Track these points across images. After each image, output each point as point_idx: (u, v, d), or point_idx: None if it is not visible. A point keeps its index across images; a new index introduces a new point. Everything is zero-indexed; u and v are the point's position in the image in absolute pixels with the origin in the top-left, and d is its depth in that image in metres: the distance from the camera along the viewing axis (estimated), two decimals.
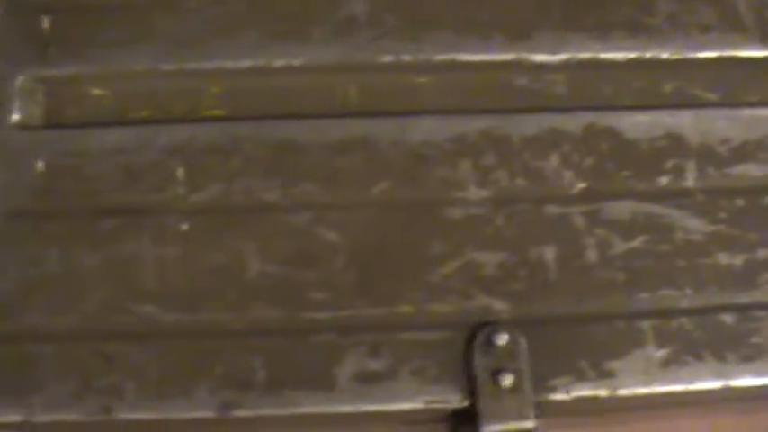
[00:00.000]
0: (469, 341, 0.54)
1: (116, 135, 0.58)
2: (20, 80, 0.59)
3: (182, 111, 0.59)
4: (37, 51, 0.60)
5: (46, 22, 0.60)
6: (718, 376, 0.56)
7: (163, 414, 0.53)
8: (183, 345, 0.54)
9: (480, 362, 0.54)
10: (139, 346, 0.54)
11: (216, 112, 0.59)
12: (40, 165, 0.57)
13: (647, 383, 0.55)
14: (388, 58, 0.59)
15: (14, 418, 0.52)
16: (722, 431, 0.60)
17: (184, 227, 0.56)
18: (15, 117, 0.58)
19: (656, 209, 0.58)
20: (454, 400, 0.54)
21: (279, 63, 0.59)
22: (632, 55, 0.61)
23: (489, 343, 0.54)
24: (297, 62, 0.59)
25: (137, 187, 0.56)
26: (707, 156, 0.59)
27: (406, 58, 0.59)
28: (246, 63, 0.59)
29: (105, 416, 0.53)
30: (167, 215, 0.56)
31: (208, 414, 0.53)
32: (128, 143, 0.57)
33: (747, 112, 0.60)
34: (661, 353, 0.56)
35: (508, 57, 0.60)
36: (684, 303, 0.56)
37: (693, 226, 0.58)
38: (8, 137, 0.58)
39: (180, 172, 0.57)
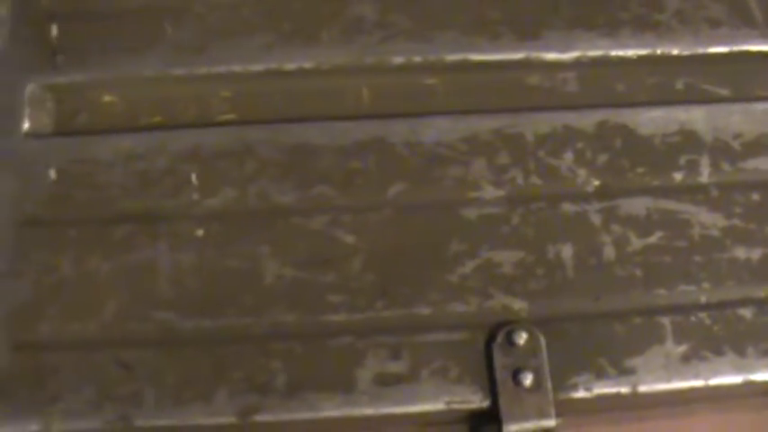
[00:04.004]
0: (489, 341, 0.54)
1: (127, 141, 0.57)
2: (29, 88, 0.59)
3: (193, 116, 0.59)
4: (46, 59, 0.59)
5: (54, 30, 0.60)
6: (739, 371, 0.55)
7: (182, 420, 0.53)
8: (201, 351, 0.54)
9: (500, 361, 0.54)
10: (157, 353, 0.53)
11: (227, 117, 0.58)
12: (52, 173, 0.57)
13: (667, 379, 0.55)
14: (398, 60, 0.59)
15: (32, 428, 0.52)
16: (739, 427, 0.60)
17: (199, 232, 0.55)
18: (26, 125, 0.58)
19: (671, 205, 0.58)
20: (475, 400, 0.54)
21: (289, 66, 0.59)
22: (642, 52, 0.61)
23: (509, 342, 0.54)
24: (307, 65, 0.59)
25: (150, 193, 0.56)
26: (720, 151, 0.59)
27: (417, 58, 0.59)
28: (256, 67, 0.59)
29: (124, 424, 0.52)
30: (182, 221, 0.56)
31: (228, 419, 0.53)
32: (139, 149, 0.57)
33: (759, 106, 0.60)
34: (680, 348, 0.55)
35: (518, 56, 0.60)
36: (702, 298, 0.56)
37: (709, 221, 0.58)
38: (19, 145, 0.58)
39: (193, 177, 0.56)
